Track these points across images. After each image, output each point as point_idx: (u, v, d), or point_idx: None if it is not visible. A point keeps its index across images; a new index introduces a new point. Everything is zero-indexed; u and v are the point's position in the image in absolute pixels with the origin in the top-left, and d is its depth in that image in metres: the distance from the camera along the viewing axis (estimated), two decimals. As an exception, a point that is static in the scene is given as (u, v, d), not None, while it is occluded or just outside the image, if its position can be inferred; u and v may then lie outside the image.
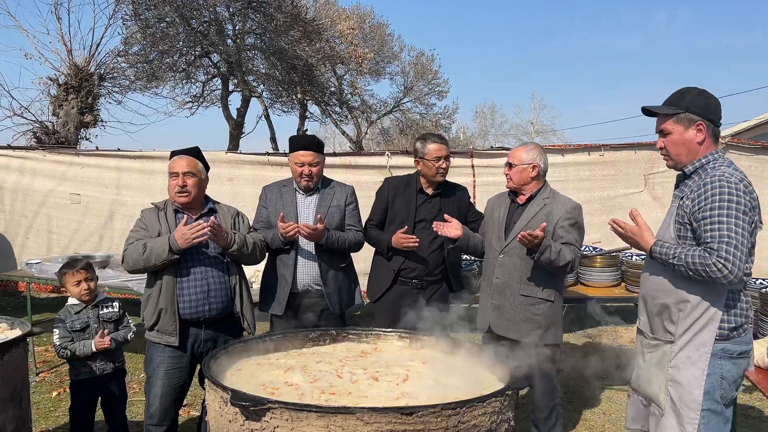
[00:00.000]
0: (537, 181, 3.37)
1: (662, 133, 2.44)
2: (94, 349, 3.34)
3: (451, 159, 3.81)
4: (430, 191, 3.79)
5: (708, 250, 2.21)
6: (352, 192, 3.81)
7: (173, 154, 3.39)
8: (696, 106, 2.36)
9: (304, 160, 3.57)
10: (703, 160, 2.38)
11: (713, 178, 2.27)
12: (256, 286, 4.52)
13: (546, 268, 3.21)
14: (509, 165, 3.39)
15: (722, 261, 2.16)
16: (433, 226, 3.50)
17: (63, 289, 3.55)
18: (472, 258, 5.05)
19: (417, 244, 3.60)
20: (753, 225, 2.26)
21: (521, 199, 3.40)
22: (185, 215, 3.22)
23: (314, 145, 3.62)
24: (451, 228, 3.44)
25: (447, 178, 3.89)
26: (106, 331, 3.40)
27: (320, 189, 3.71)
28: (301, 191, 3.69)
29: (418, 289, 3.73)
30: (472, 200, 4.10)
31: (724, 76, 63.25)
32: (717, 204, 2.22)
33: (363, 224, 3.85)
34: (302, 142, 3.65)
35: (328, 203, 3.66)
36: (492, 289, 3.38)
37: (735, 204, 2.21)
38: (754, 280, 3.82)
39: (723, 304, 2.29)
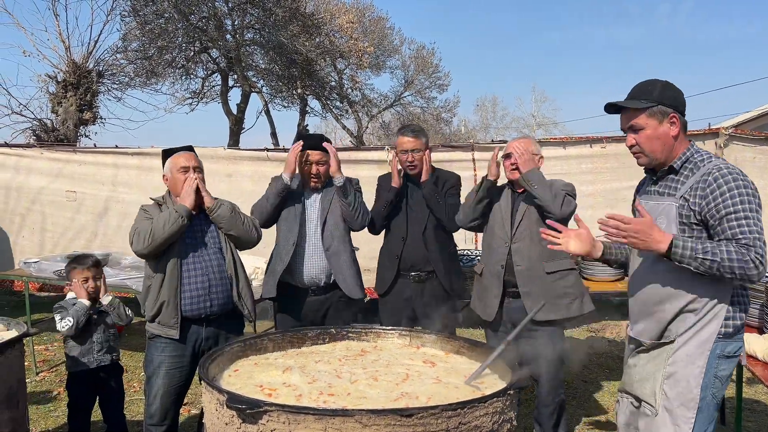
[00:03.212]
0: None
1: (632, 129, 2.31)
2: (87, 303, 3.41)
3: (426, 152, 3.70)
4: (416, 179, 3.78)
5: (744, 246, 2.08)
6: (357, 182, 3.80)
7: (168, 152, 3.37)
8: (667, 98, 2.25)
9: (312, 159, 3.56)
10: (688, 153, 2.28)
11: (722, 172, 2.16)
12: (256, 284, 4.49)
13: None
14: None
15: (759, 257, 2.06)
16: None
17: (67, 284, 3.53)
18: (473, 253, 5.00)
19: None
20: None
21: (520, 186, 3.43)
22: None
23: (321, 145, 3.61)
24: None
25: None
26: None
27: (327, 185, 3.69)
28: (307, 187, 3.67)
29: (416, 282, 3.70)
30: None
31: (727, 66, 62.96)
32: (738, 198, 2.11)
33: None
34: (311, 142, 3.62)
35: (331, 197, 3.65)
36: (516, 278, 3.37)
37: (752, 197, 2.13)
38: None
39: (728, 301, 2.21)
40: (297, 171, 3.57)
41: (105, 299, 3.48)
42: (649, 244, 2.15)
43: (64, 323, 3.37)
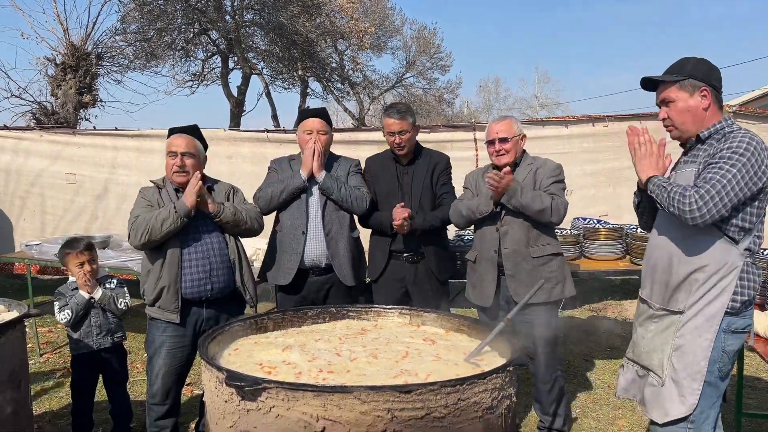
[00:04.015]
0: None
1: (664, 102, 2.38)
2: (86, 296, 3.40)
3: (412, 132, 3.62)
4: (404, 161, 3.74)
5: (694, 186, 2.19)
6: (357, 163, 3.79)
7: (172, 131, 3.35)
8: (699, 71, 2.32)
9: (313, 127, 3.54)
10: (718, 126, 2.31)
11: (737, 133, 2.23)
12: (257, 264, 4.49)
13: (544, 225, 3.33)
14: (503, 140, 3.35)
15: (697, 196, 2.14)
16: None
17: (64, 268, 3.55)
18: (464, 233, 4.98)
19: (406, 217, 3.50)
20: (764, 189, 2.21)
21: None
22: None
23: (323, 115, 3.64)
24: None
25: (450, 152, 3.84)
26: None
27: (326, 163, 3.66)
28: None
29: (410, 263, 3.67)
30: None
31: (732, 45, 62.28)
32: (727, 155, 2.17)
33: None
34: (312, 111, 3.67)
35: (333, 175, 3.62)
36: (503, 260, 3.37)
37: (745, 160, 2.15)
38: (762, 250, 3.75)
39: (737, 276, 2.23)
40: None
41: (96, 294, 3.44)
42: (643, 167, 2.36)
43: (62, 315, 3.40)
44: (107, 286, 3.53)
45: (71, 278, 3.53)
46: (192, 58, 16.27)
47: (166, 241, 3.13)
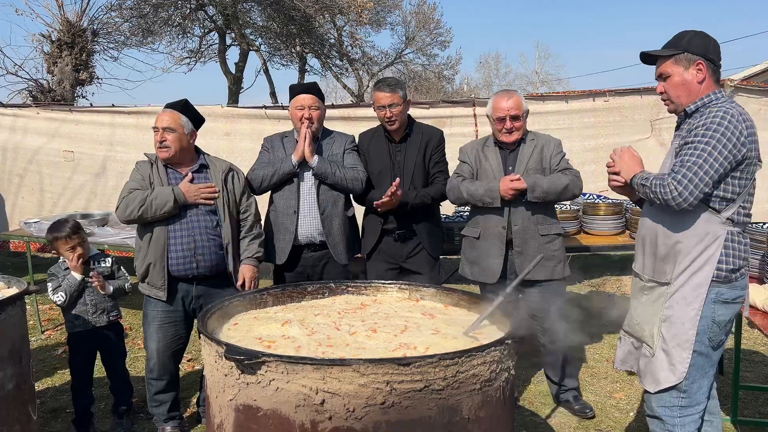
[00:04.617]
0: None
1: (662, 76, 2.41)
2: (78, 277, 3.37)
3: (403, 106, 3.56)
4: (397, 137, 3.69)
5: (671, 172, 2.24)
6: (353, 139, 3.75)
7: (167, 107, 3.34)
8: (694, 45, 2.33)
9: (305, 103, 3.51)
10: (705, 99, 2.33)
11: (710, 111, 2.26)
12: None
13: (551, 203, 3.43)
14: (515, 117, 3.35)
15: (675, 183, 2.20)
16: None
17: (54, 252, 3.54)
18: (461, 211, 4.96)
19: (388, 200, 3.45)
20: (745, 160, 2.23)
21: (512, 145, 3.45)
22: (190, 173, 3.25)
23: (314, 89, 3.59)
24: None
25: (450, 128, 3.81)
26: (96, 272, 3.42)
27: (320, 139, 3.62)
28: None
29: (402, 240, 3.65)
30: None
31: (735, 19, 61.55)
32: (701, 132, 2.22)
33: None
34: (303, 86, 3.63)
35: (327, 152, 3.60)
36: (513, 236, 3.39)
37: (719, 135, 2.19)
38: (761, 224, 3.74)
39: (722, 245, 2.27)
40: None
41: (108, 290, 3.42)
42: (624, 173, 2.48)
43: (57, 297, 3.38)
44: (101, 264, 3.51)
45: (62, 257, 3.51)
46: (189, 35, 16.07)
47: None
